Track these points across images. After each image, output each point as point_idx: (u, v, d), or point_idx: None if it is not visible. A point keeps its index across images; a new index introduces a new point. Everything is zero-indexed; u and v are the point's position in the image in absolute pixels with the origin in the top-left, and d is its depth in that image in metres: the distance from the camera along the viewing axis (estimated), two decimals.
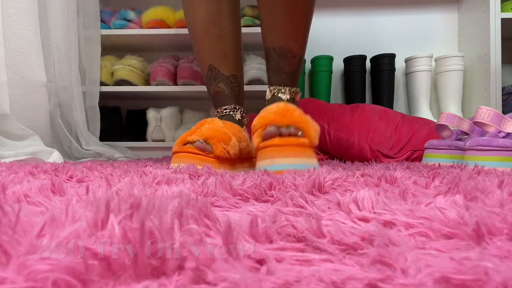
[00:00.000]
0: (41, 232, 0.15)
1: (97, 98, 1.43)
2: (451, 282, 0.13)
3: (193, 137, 0.66)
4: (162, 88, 1.47)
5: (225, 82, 0.76)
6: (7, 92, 0.89)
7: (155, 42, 1.58)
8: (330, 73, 1.57)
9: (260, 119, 0.62)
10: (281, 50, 0.68)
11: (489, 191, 0.29)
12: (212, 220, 0.19)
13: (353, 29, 1.68)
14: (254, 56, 1.50)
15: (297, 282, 0.13)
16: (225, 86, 0.76)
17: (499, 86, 1.35)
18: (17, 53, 0.96)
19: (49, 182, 0.34)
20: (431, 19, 1.65)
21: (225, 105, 0.76)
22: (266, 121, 0.61)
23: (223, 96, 0.76)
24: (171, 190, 0.33)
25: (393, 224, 0.21)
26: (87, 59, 1.40)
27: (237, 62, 0.79)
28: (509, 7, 1.36)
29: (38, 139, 0.94)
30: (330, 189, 0.37)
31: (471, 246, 0.18)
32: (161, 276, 0.14)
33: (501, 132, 0.70)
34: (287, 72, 0.68)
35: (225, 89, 0.76)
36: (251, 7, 1.46)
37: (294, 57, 0.69)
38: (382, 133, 1.09)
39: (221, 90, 0.76)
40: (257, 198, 0.33)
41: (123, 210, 0.16)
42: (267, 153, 0.59)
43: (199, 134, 0.66)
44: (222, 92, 0.76)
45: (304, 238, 0.18)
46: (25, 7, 0.98)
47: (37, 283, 0.12)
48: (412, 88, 1.54)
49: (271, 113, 0.61)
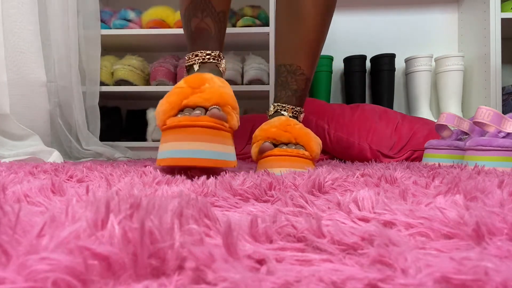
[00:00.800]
0: (41, 232, 0.15)
1: (97, 98, 1.43)
2: (451, 282, 0.13)
3: (194, 99, 0.50)
4: (162, 88, 1.47)
5: (214, 17, 0.61)
6: (7, 92, 0.89)
7: (155, 42, 1.58)
8: (330, 73, 1.57)
9: (262, 131, 0.63)
10: (291, 67, 0.70)
11: (489, 191, 0.29)
12: (212, 220, 0.19)
13: (353, 29, 1.68)
14: (254, 56, 1.50)
15: (297, 282, 0.13)
16: (213, 23, 0.61)
17: (499, 86, 1.35)
18: (17, 53, 0.96)
19: (49, 182, 0.34)
20: (431, 19, 1.65)
21: (208, 49, 0.60)
22: (267, 134, 0.62)
23: (207, 36, 0.61)
24: (171, 190, 0.33)
25: (393, 224, 0.21)
26: (87, 59, 1.40)
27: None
28: (509, 7, 1.36)
29: (38, 139, 0.94)
30: (330, 189, 0.37)
31: (471, 246, 0.18)
32: (161, 276, 0.14)
33: (501, 132, 0.70)
34: (294, 89, 0.69)
35: (211, 26, 0.61)
36: (251, 7, 1.46)
37: (303, 75, 0.70)
38: (382, 133, 1.09)
39: (206, 28, 0.60)
40: (257, 198, 0.33)
41: (123, 210, 0.16)
42: (267, 162, 0.60)
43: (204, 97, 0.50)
44: (207, 30, 0.61)
45: (304, 238, 0.18)
46: (25, 7, 0.98)
47: (37, 283, 0.12)
48: (412, 88, 1.54)
49: (272, 127, 0.62)
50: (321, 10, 0.68)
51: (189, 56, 0.61)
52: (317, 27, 0.69)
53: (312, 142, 0.61)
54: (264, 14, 1.45)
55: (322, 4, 0.68)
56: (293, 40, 0.70)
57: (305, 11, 0.68)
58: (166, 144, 0.49)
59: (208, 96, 0.50)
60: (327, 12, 0.70)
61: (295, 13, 0.69)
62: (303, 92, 0.70)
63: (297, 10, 0.69)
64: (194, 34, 0.61)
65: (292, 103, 0.69)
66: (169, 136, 0.49)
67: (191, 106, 0.50)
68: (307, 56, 0.70)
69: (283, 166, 0.58)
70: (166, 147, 0.49)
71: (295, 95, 0.69)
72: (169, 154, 0.48)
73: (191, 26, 0.61)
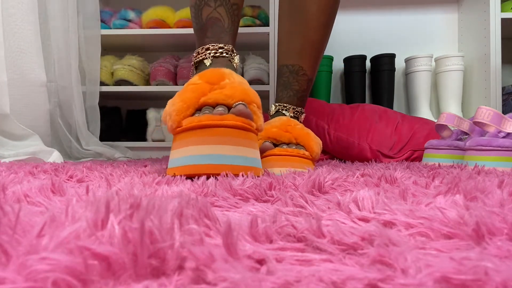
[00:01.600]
0: (41, 232, 0.15)
1: (97, 98, 1.43)
2: (451, 282, 0.13)
3: (215, 96, 0.43)
4: (162, 88, 1.47)
5: (227, 8, 0.55)
6: (7, 92, 0.89)
7: (155, 42, 1.58)
8: (330, 73, 1.57)
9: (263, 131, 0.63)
10: (293, 68, 0.70)
11: (489, 191, 0.29)
12: (212, 220, 0.19)
13: (353, 29, 1.68)
14: (254, 56, 1.50)
15: (297, 282, 0.13)
16: (226, 13, 0.55)
17: (499, 86, 1.35)
18: (17, 53, 0.96)
19: (49, 182, 0.34)
20: (431, 19, 1.65)
21: (220, 42, 0.53)
22: (268, 134, 0.62)
23: (219, 28, 0.54)
24: (171, 190, 0.33)
25: (393, 224, 0.21)
26: (87, 59, 1.40)
27: None
28: (509, 7, 1.36)
29: (38, 139, 0.94)
30: (330, 189, 0.37)
31: (471, 246, 0.18)
32: (161, 276, 0.14)
33: (501, 132, 0.70)
34: (296, 90, 0.69)
35: (225, 18, 0.55)
36: (251, 7, 1.46)
37: (305, 76, 0.70)
38: (382, 133, 1.09)
39: (219, 18, 0.54)
40: (257, 198, 0.33)
41: (123, 210, 0.16)
42: (267, 161, 0.60)
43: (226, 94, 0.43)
44: (220, 21, 0.54)
45: (304, 238, 0.18)
46: (25, 7, 0.98)
47: (37, 283, 0.12)
48: (412, 88, 1.54)
49: (273, 127, 0.62)
50: (325, 10, 0.69)
51: (198, 51, 0.53)
52: (321, 28, 0.69)
53: (312, 143, 0.61)
54: (264, 14, 1.45)
55: (325, 5, 0.68)
56: (296, 41, 0.70)
57: (309, 11, 0.68)
58: (183, 150, 0.41)
59: (231, 92, 0.43)
60: (330, 13, 0.70)
61: (298, 14, 0.69)
62: (305, 92, 0.71)
63: (300, 11, 0.69)
64: (206, 25, 0.54)
65: (294, 103, 0.69)
66: (187, 139, 0.41)
67: (211, 104, 0.43)
68: (310, 57, 0.70)
69: (283, 165, 0.58)
70: (183, 152, 0.41)
71: (297, 95, 0.69)
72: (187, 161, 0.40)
73: (202, 16, 0.54)
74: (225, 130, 0.40)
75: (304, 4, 0.68)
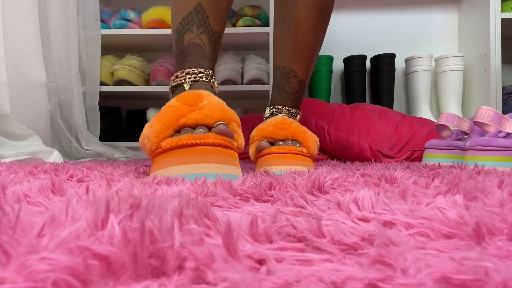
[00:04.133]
0: (41, 232, 0.15)
1: (97, 98, 1.43)
2: (451, 282, 0.13)
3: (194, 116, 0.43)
4: (162, 88, 1.47)
5: (209, 35, 0.55)
6: (7, 92, 0.89)
7: (155, 42, 1.58)
8: (330, 73, 1.57)
9: (258, 131, 0.63)
10: (284, 70, 0.70)
11: (489, 191, 0.29)
12: (212, 220, 0.19)
13: (353, 29, 1.68)
14: (254, 56, 1.50)
15: (297, 282, 0.13)
16: (208, 40, 0.55)
17: (499, 86, 1.35)
18: (17, 53, 0.96)
19: (49, 182, 0.34)
20: (431, 19, 1.65)
21: (200, 67, 0.53)
22: (264, 133, 0.62)
23: (201, 53, 0.55)
24: (171, 190, 0.33)
25: (393, 224, 0.21)
26: (87, 59, 1.40)
27: (225, 19, 0.60)
28: (509, 7, 1.36)
29: (38, 139, 0.94)
30: (330, 189, 0.37)
31: (471, 246, 0.18)
32: (161, 276, 0.14)
33: (501, 132, 0.70)
34: (287, 92, 0.69)
35: (206, 44, 0.55)
36: (251, 7, 1.46)
37: (296, 78, 0.70)
38: (382, 133, 1.09)
39: (201, 44, 0.55)
40: (257, 198, 0.33)
41: (123, 210, 0.16)
42: (265, 160, 0.59)
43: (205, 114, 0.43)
44: (202, 47, 0.55)
45: (304, 238, 0.18)
46: (25, 7, 0.98)
47: (37, 283, 0.12)
48: (412, 88, 1.54)
49: (269, 126, 0.63)
50: (313, 11, 0.68)
51: (177, 75, 0.53)
52: (310, 29, 0.69)
53: (308, 140, 0.61)
54: (264, 14, 1.45)
55: (314, 6, 0.68)
56: (286, 43, 0.70)
57: (296, 12, 0.68)
58: (163, 171, 0.40)
59: (210, 112, 0.43)
60: (320, 14, 0.70)
61: (287, 16, 0.69)
62: (298, 94, 0.70)
63: (289, 13, 0.69)
64: (187, 49, 0.55)
65: (287, 105, 0.69)
66: (167, 160, 0.40)
67: (190, 125, 0.43)
68: (300, 59, 0.70)
69: (281, 163, 0.58)
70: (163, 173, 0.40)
71: (289, 97, 0.69)
72: None
73: (183, 41, 0.55)
74: (206, 149, 0.40)
75: (292, 5, 0.68)
